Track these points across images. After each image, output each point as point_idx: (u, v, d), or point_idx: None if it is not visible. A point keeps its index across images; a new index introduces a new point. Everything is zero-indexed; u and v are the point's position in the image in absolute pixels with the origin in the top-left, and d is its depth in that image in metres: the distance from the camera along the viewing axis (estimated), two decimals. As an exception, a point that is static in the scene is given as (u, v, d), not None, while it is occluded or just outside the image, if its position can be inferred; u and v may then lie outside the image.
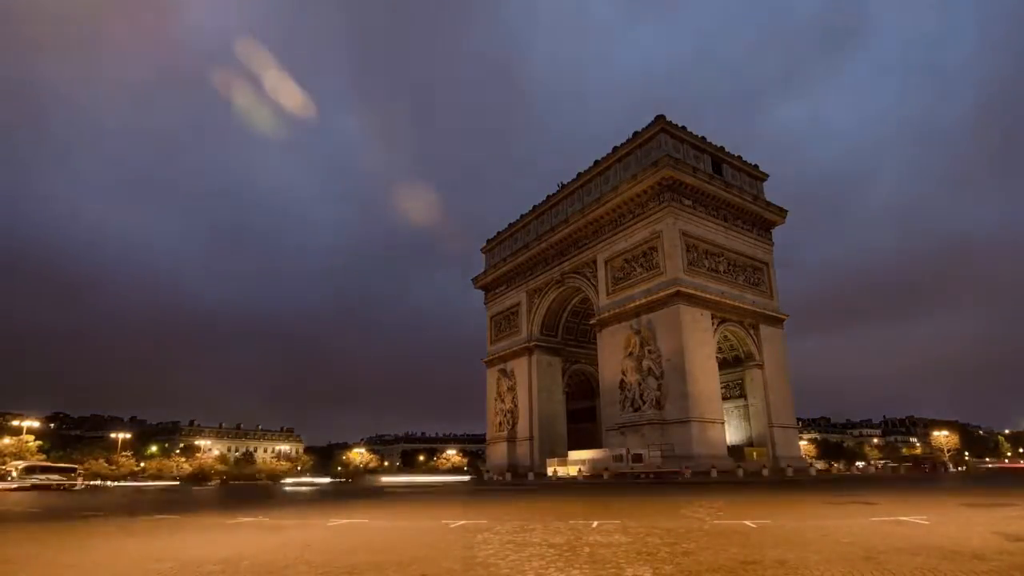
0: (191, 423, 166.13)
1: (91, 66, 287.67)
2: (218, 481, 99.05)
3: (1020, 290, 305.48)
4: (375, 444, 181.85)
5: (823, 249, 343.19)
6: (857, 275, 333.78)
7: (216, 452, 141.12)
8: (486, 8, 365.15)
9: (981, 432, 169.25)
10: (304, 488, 59.33)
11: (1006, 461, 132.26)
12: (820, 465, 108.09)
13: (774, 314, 68.58)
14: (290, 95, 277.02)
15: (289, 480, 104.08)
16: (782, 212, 72.68)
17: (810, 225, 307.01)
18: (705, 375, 59.08)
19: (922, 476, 62.52)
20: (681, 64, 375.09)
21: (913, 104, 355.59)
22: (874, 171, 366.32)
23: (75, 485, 59.60)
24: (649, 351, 60.79)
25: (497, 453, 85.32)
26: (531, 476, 68.23)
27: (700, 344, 59.64)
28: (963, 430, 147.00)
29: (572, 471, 61.88)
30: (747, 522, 12.51)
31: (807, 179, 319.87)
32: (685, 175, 63.46)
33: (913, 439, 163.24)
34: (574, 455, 64.70)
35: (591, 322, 71.43)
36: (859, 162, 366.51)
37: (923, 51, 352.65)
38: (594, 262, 71.87)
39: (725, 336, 64.51)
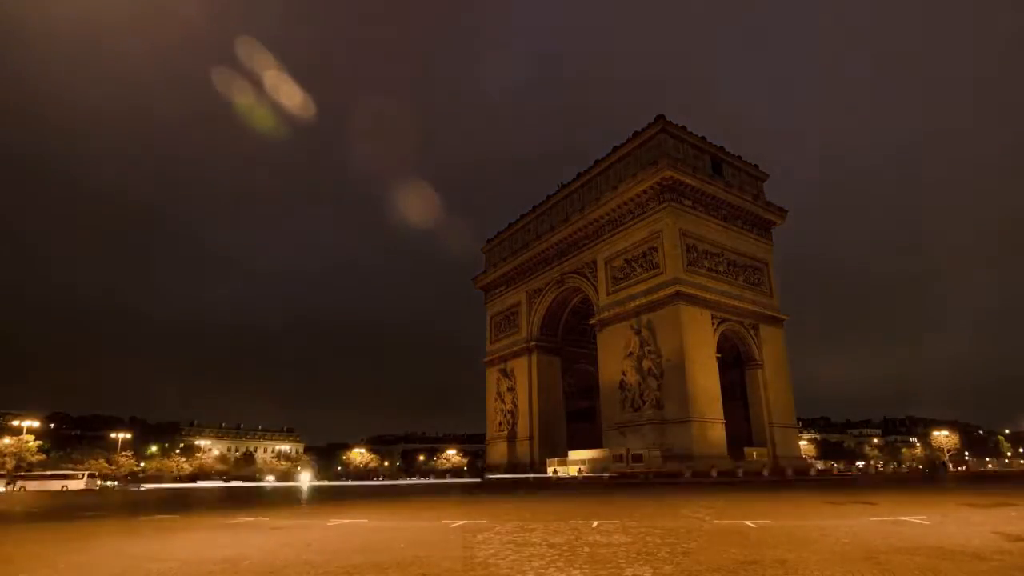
0: (191, 423, 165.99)
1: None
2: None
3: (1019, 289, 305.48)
4: (376, 444, 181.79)
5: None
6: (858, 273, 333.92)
7: (216, 452, 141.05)
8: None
9: (981, 432, 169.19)
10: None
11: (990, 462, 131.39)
12: (820, 465, 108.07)
13: (774, 314, 68.55)
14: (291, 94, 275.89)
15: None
16: (782, 212, 72.66)
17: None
18: (705, 375, 59.05)
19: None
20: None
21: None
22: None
23: None
24: (649, 351, 60.77)
25: (497, 453, 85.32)
26: (530, 476, 68.25)
27: (700, 344, 59.61)
28: (963, 430, 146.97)
29: (572, 471, 61.92)
30: (747, 522, 12.52)
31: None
32: (685, 175, 63.41)
33: (913, 439, 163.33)
34: (574, 455, 64.72)
35: (591, 322, 71.39)
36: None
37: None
38: (594, 262, 71.84)
39: (725, 336, 64.47)
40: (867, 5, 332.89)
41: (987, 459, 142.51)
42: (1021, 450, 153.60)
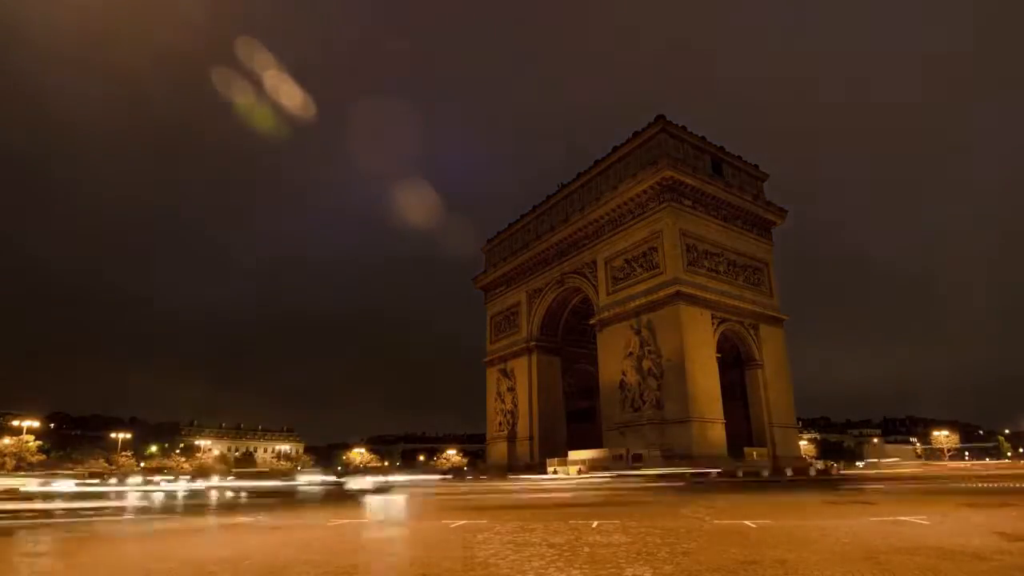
0: (191, 423, 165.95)
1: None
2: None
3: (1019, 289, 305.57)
4: (376, 444, 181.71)
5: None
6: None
7: (216, 452, 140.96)
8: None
9: (981, 432, 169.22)
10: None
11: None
12: (820, 465, 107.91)
13: (774, 314, 68.51)
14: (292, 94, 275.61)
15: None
16: (782, 212, 72.61)
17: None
18: (705, 375, 59.04)
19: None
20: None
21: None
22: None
23: None
24: (649, 351, 60.76)
25: (497, 453, 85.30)
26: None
27: (700, 344, 59.60)
28: (963, 430, 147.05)
29: (572, 471, 61.86)
30: (747, 522, 12.51)
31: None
32: (685, 175, 63.38)
33: (913, 439, 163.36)
34: (574, 455, 64.66)
35: (591, 322, 71.33)
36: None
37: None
38: (594, 262, 71.81)
39: (725, 336, 64.42)
40: (866, 3, 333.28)
41: (986, 457, 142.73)
42: (1021, 450, 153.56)
